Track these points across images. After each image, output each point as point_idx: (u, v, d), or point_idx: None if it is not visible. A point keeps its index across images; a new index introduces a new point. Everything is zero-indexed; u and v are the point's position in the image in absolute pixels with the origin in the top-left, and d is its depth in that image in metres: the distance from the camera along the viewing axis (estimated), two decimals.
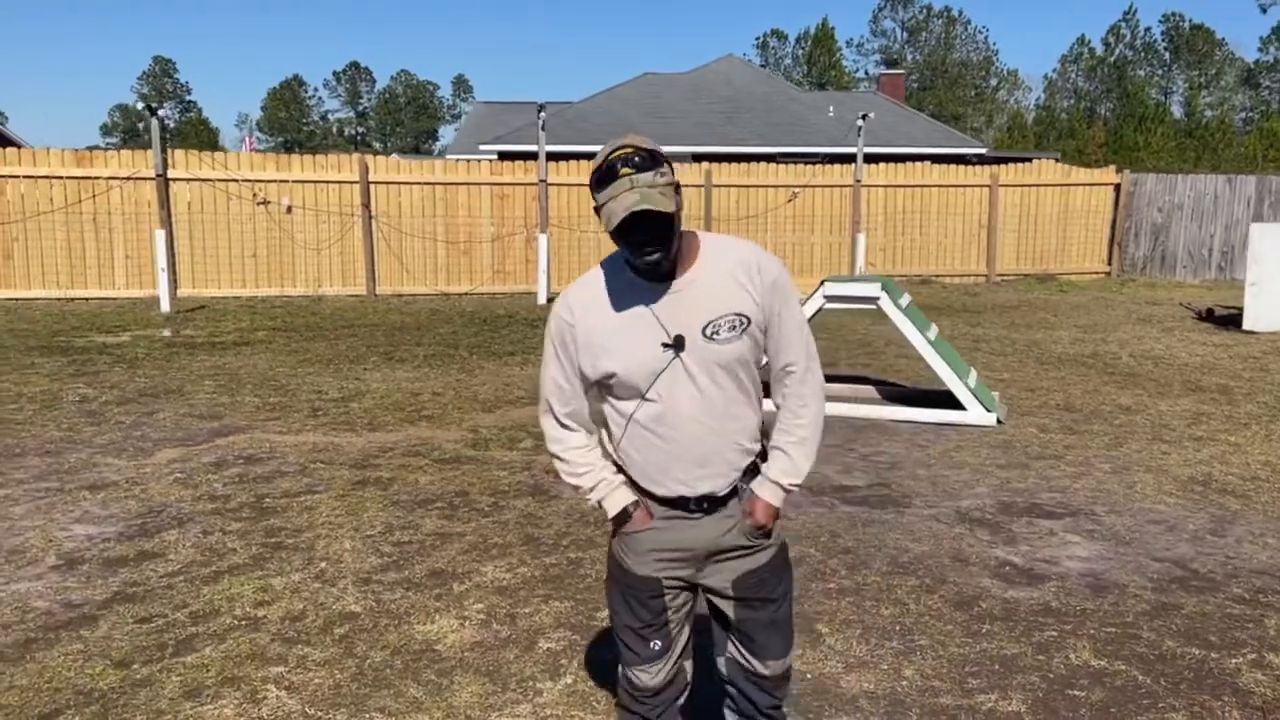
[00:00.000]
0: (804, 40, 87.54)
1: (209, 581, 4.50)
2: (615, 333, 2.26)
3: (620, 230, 2.13)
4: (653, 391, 2.27)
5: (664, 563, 2.40)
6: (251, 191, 14.52)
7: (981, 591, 4.45)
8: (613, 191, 2.11)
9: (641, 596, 2.42)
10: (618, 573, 2.45)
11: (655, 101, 30.36)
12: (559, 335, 2.34)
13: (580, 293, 2.32)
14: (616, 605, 2.47)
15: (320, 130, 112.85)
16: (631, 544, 2.40)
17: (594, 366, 2.29)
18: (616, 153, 2.12)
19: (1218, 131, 67.33)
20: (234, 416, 7.57)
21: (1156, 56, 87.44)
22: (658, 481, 2.35)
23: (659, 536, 2.38)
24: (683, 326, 2.24)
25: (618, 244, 2.19)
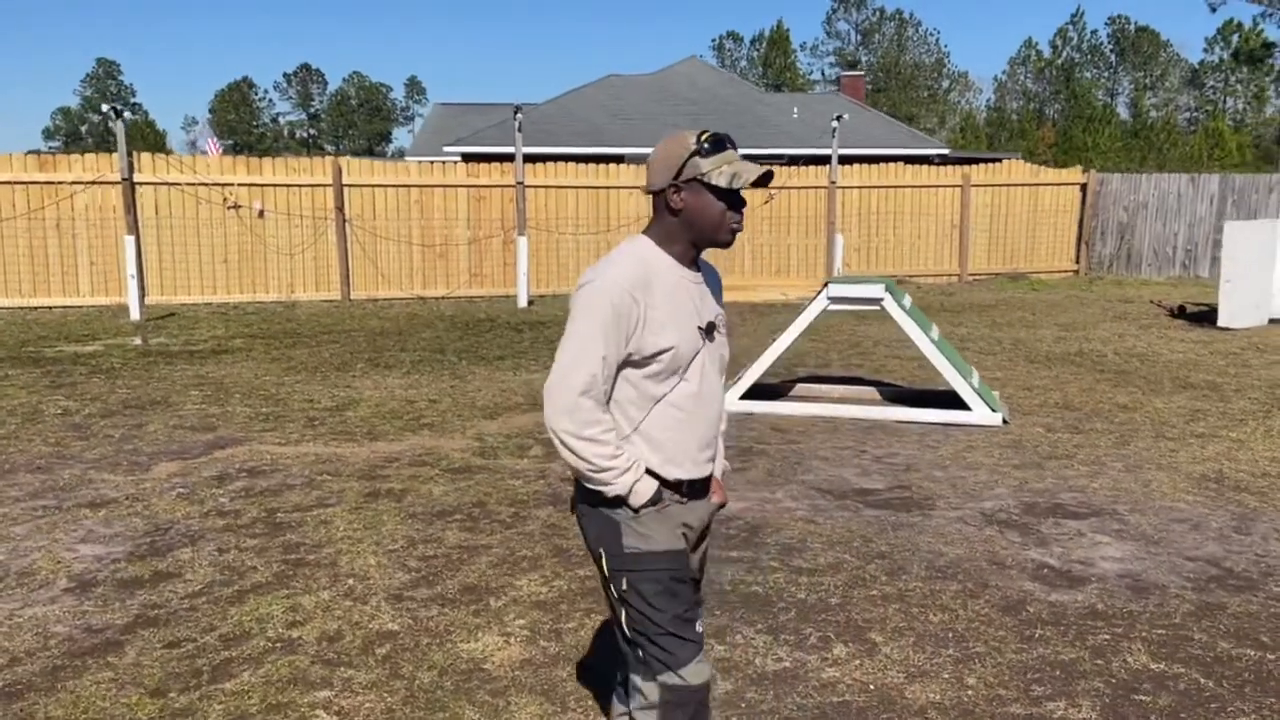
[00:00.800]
0: (759, 42, 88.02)
1: (234, 602, 4.34)
2: (672, 311, 2.33)
3: (737, 193, 2.33)
4: (690, 372, 2.38)
5: (683, 536, 2.46)
6: (222, 195, 14.21)
7: (1025, 595, 4.41)
8: (729, 158, 2.31)
9: (682, 574, 2.42)
10: (647, 562, 2.37)
11: (619, 103, 30.28)
12: (621, 311, 2.27)
13: (637, 270, 2.32)
14: (656, 601, 2.36)
15: (271, 133, 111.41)
16: (661, 519, 2.39)
17: (654, 342, 2.30)
18: (717, 132, 2.34)
19: (1163, 132, 68.68)
20: (228, 428, 7.36)
21: (1103, 58, 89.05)
22: (677, 463, 2.40)
23: (678, 511, 2.44)
24: (708, 315, 2.43)
25: (714, 211, 2.33)
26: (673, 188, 2.33)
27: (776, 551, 4.95)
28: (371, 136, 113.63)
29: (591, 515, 2.43)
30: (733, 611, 4.26)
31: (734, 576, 4.63)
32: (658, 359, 2.31)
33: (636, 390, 2.36)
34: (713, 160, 2.30)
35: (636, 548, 2.37)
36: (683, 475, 2.42)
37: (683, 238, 2.38)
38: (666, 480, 2.40)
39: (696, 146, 2.31)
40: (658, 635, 2.37)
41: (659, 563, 2.37)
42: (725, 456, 2.76)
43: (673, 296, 2.34)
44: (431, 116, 41.91)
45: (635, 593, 2.37)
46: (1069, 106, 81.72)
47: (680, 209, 2.34)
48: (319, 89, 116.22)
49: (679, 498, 2.43)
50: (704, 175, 2.30)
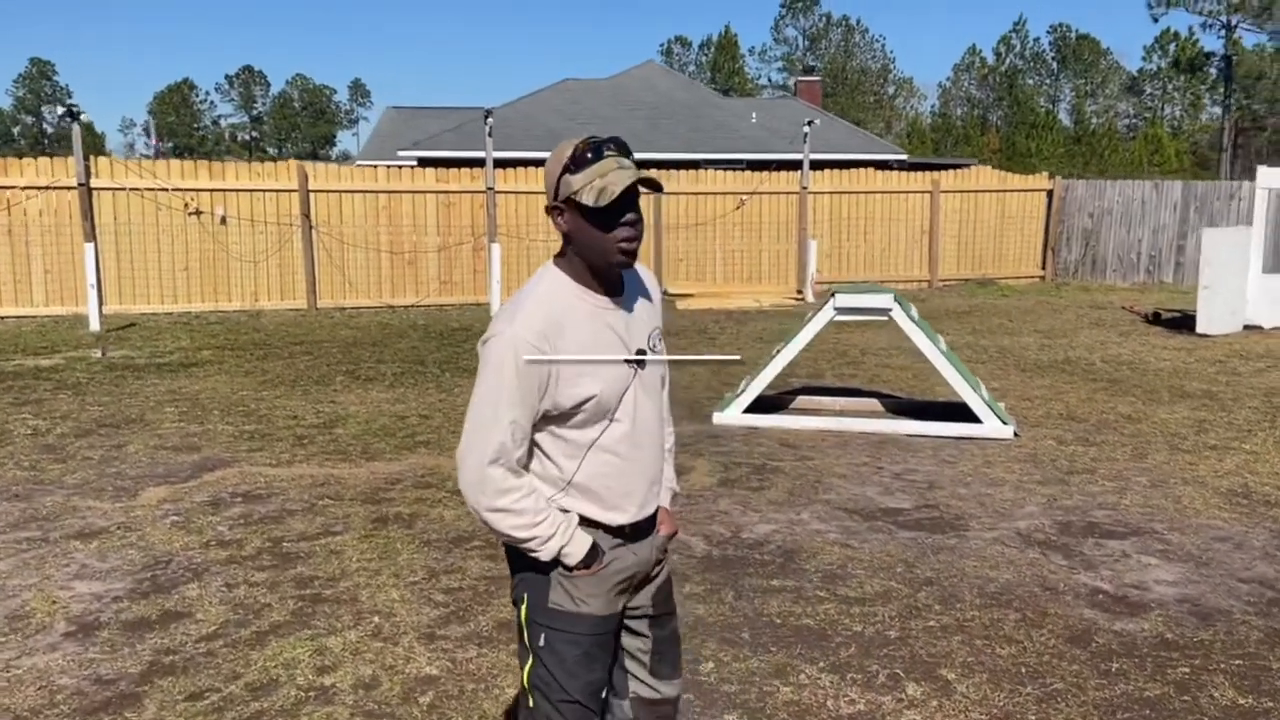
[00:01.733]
0: (708, 47, 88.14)
1: (254, 645, 4.01)
2: (589, 353, 2.09)
3: (612, 206, 2.01)
4: (620, 411, 2.15)
5: (621, 595, 2.26)
6: (183, 201, 13.69)
7: (1088, 624, 4.24)
8: (601, 169, 2.00)
9: (604, 641, 2.24)
10: (569, 624, 2.18)
11: (576, 107, 30.00)
12: (525, 371, 2.02)
13: (540, 316, 2.06)
14: (571, 668, 2.18)
15: (212, 135, 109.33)
16: (595, 583, 2.19)
17: (571, 394, 2.06)
18: (590, 139, 2.04)
19: (1104, 138, 69.94)
20: (212, 448, 6.98)
21: (1045, 65, 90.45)
22: (618, 508, 2.20)
23: (616, 567, 2.22)
24: (637, 340, 2.18)
25: (594, 232, 2.04)
26: (555, 210, 2.09)
27: (819, 579, 4.74)
28: (316, 140, 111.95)
29: (520, 557, 2.21)
30: (789, 647, 4.03)
31: (781, 608, 4.41)
32: (580, 410, 2.09)
33: (563, 441, 2.14)
34: (583, 175, 2.01)
35: (561, 606, 2.18)
36: (626, 520, 2.22)
37: (583, 264, 2.11)
38: (609, 527, 2.20)
39: (568, 160, 2.03)
40: (561, 701, 2.19)
41: (583, 626, 2.19)
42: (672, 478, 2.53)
43: (590, 335, 2.09)
44: (383, 120, 41.20)
45: (551, 652, 2.19)
46: (1012, 113, 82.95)
47: (566, 233, 2.09)
48: (262, 91, 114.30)
49: (621, 541, 2.23)
50: (576, 194, 2.02)
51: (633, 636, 2.35)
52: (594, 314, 2.11)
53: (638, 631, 2.35)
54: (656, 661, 2.37)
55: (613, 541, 2.22)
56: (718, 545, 5.17)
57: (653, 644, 2.36)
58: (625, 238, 2.05)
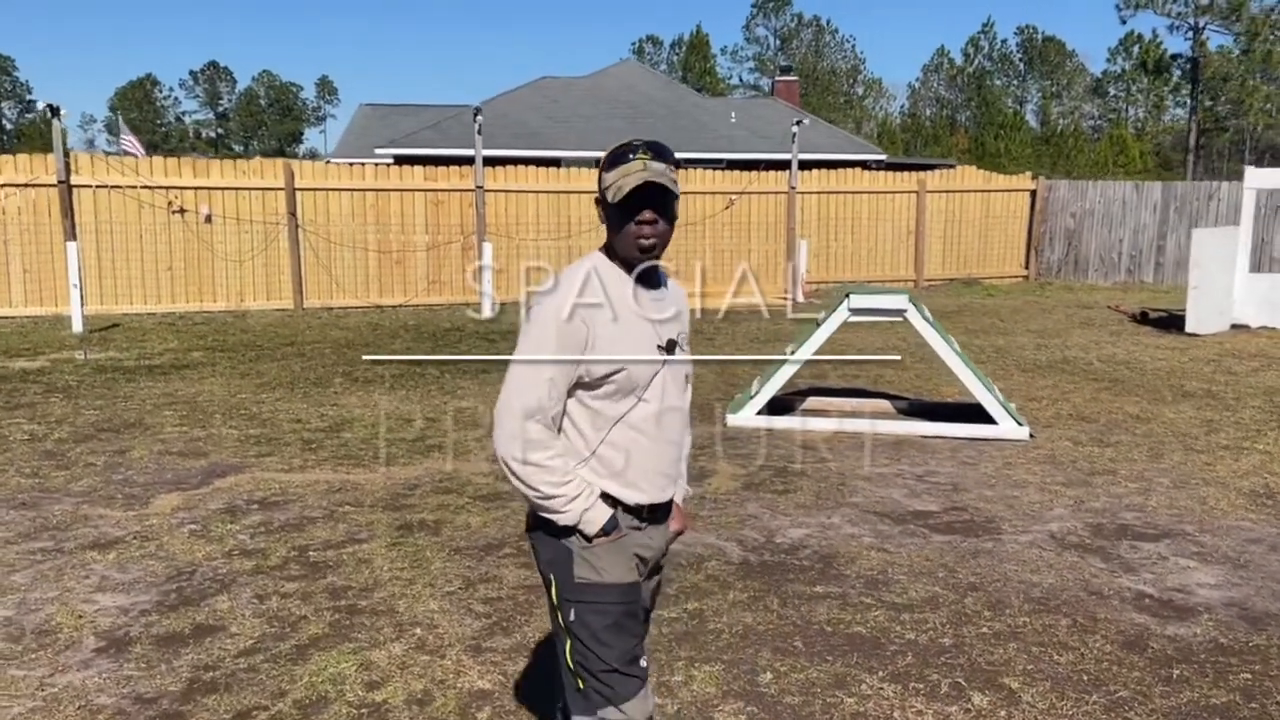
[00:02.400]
0: (679, 47, 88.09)
1: (296, 660, 3.88)
2: (623, 330, 2.24)
3: (624, 203, 2.18)
4: (649, 394, 2.29)
5: (637, 568, 2.36)
6: (166, 199, 13.42)
7: (1140, 629, 4.21)
8: (625, 170, 2.19)
9: (632, 608, 2.33)
10: (597, 594, 2.29)
11: (555, 105, 29.85)
12: (567, 331, 2.20)
13: (586, 288, 2.25)
14: (604, 636, 2.28)
15: (176, 132, 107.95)
16: (615, 550, 2.30)
17: (606, 364, 2.23)
18: (631, 141, 2.23)
19: (1071, 139, 70.63)
20: (220, 453, 6.81)
21: (1012, 67, 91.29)
22: (636, 485, 2.31)
23: (634, 539, 2.35)
24: (667, 334, 2.33)
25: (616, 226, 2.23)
26: (598, 202, 2.29)
27: (862, 585, 4.67)
28: (283, 137, 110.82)
29: (544, 540, 2.34)
30: (844, 656, 3.96)
31: (829, 615, 4.34)
32: (610, 380, 2.23)
33: (592, 411, 2.28)
34: (612, 175, 2.21)
35: (587, 578, 2.28)
36: (643, 499, 2.33)
37: (617, 254, 2.30)
38: (626, 505, 2.32)
39: (606, 158, 2.24)
40: (601, 671, 2.27)
41: (609, 595, 2.29)
42: (687, 480, 2.63)
43: (626, 315, 2.26)
44: (357, 117, 40.79)
45: (583, 625, 2.29)
46: (980, 113, 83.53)
47: (605, 223, 2.29)
48: (227, 88, 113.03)
49: (638, 523, 2.35)
50: (605, 191, 2.23)
51: None
52: (632, 298, 2.28)
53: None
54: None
55: (629, 521, 2.33)
56: (753, 550, 5.10)
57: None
58: (641, 235, 2.22)
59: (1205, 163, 68.69)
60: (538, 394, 2.20)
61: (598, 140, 27.74)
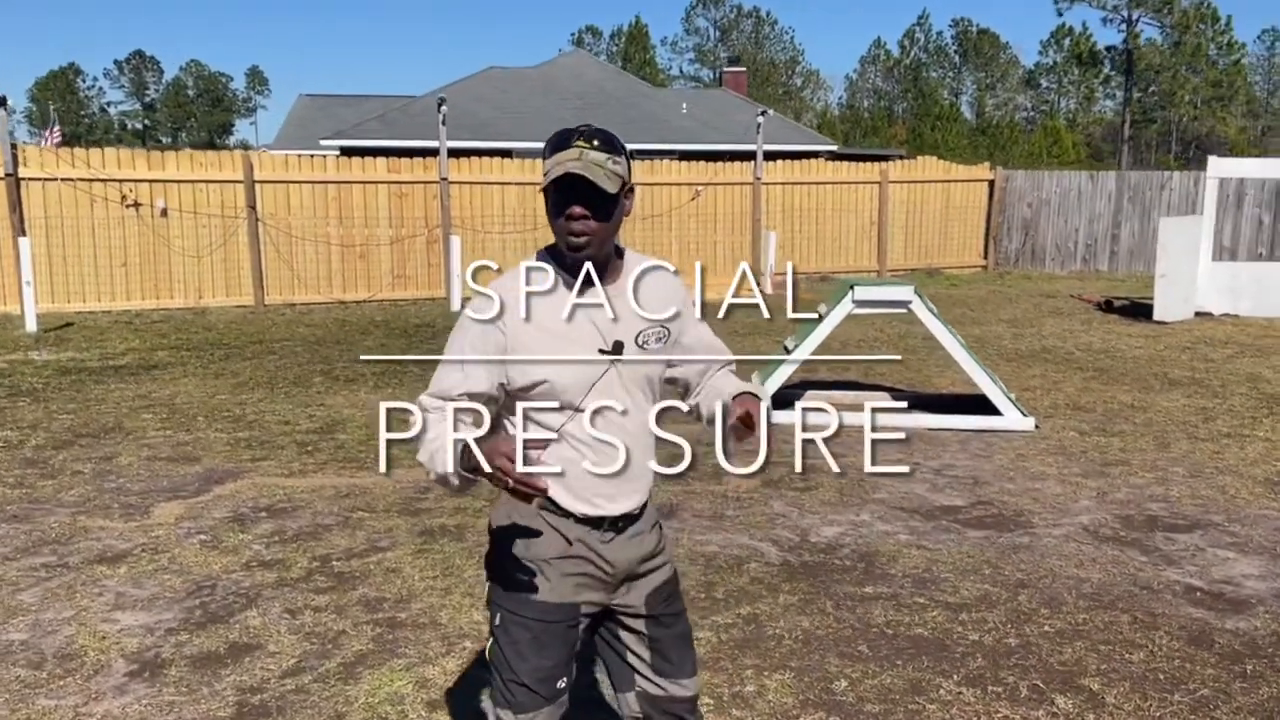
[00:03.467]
0: (618, 37, 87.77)
1: (346, 679, 3.67)
2: (550, 337, 2.07)
3: (551, 191, 2.04)
4: (588, 402, 2.11)
5: (582, 587, 2.22)
6: (120, 193, 12.91)
7: (1201, 624, 4.17)
8: (562, 156, 2.03)
9: (558, 630, 2.21)
10: (520, 607, 2.19)
11: (503, 96, 29.48)
12: (483, 338, 2.08)
13: (508, 288, 2.07)
14: (522, 649, 2.19)
15: (101, 123, 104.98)
16: (555, 567, 2.19)
17: (524, 374, 2.08)
18: (579, 127, 2.08)
19: (1006, 130, 71.78)
20: (212, 458, 6.51)
21: (948, 59, 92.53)
22: (585, 500, 2.17)
23: (581, 557, 2.20)
24: (619, 333, 2.13)
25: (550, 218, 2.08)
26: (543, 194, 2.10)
27: (911, 584, 4.58)
28: (213, 128, 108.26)
29: (493, 539, 2.29)
30: (913, 660, 3.85)
31: (886, 616, 4.23)
32: (533, 392, 2.09)
33: (532, 424, 2.11)
34: (549, 161, 2.05)
35: (520, 585, 2.19)
36: (589, 511, 2.18)
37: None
38: (577, 516, 2.18)
39: (546, 145, 2.08)
40: (509, 680, 2.22)
41: (532, 611, 2.19)
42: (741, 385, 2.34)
43: (557, 319, 2.08)
44: (297, 108, 39.94)
45: (504, 631, 2.22)
46: (917, 105, 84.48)
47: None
48: (154, 78, 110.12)
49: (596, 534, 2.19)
50: (545, 178, 2.07)
51: (629, 634, 2.32)
52: (569, 299, 2.08)
53: (634, 630, 2.32)
54: (659, 660, 2.33)
55: (581, 530, 2.18)
56: (790, 551, 4.98)
57: (650, 643, 2.32)
58: (571, 230, 2.04)
59: (1135, 154, 70.23)
60: (446, 382, 2.09)
61: (549, 131, 26.93)
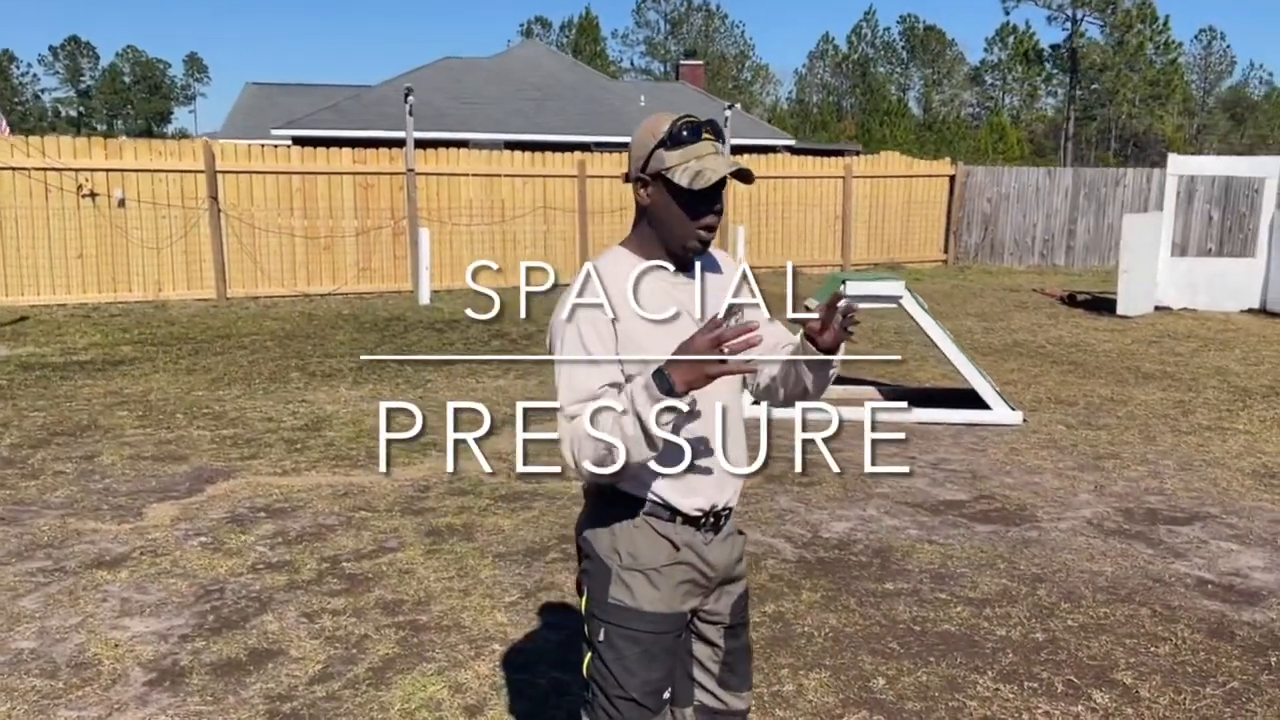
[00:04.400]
0: (568, 29, 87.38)
1: (377, 684, 3.58)
2: (652, 324, 2.02)
3: (704, 191, 2.00)
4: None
5: (688, 594, 2.18)
6: (76, 182, 12.52)
7: (1218, 617, 4.22)
8: (698, 151, 2.00)
9: (667, 641, 2.15)
10: (630, 620, 2.11)
11: (459, 86, 29.17)
12: (595, 331, 2.00)
13: (608, 282, 2.01)
14: (629, 664, 2.11)
15: (35, 110, 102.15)
16: (661, 576, 2.12)
17: (633, 364, 2.01)
18: (690, 118, 2.02)
19: (953, 126, 72.67)
20: (200, 457, 6.33)
21: (895, 55, 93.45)
22: (693, 489, 2.12)
23: (687, 563, 2.16)
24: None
25: (678, 213, 2.03)
26: (639, 181, 2.07)
27: (930, 580, 4.59)
28: (151, 116, 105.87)
29: (590, 546, 2.18)
30: (945, 657, 3.86)
31: (911, 613, 4.23)
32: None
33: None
34: (679, 154, 2.01)
35: (621, 601, 2.12)
36: (699, 504, 2.13)
37: (656, 239, 2.10)
38: (685, 515, 2.12)
39: (664, 136, 2.02)
40: (616, 697, 2.12)
41: (643, 624, 2.12)
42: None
43: (655, 307, 2.02)
44: (244, 96, 39.19)
45: (610, 646, 2.13)
46: (865, 100, 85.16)
47: (647, 206, 2.08)
48: (90, 64, 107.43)
49: (699, 533, 2.14)
50: (667, 171, 2.01)
51: (704, 644, 2.27)
52: (661, 287, 2.05)
53: (710, 640, 2.27)
54: (726, 672, 2.29)
55: (687, 533, 2.13)
56: (805, 547, 4.97)
57: (724, 654, 2.28)
58: (708, 224, 2.04)
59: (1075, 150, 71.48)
60: (587, 390, 1.98)
61: (507, 122, 27.23)
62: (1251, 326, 12.31)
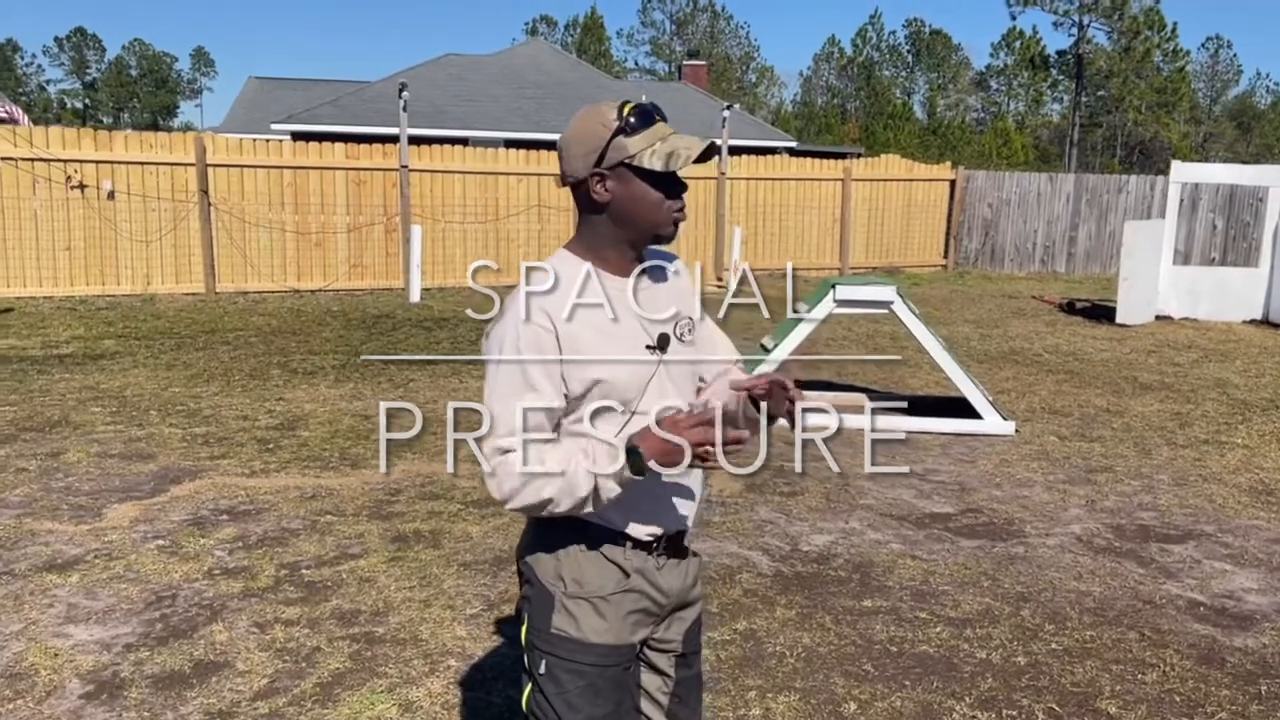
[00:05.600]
0: (573, 28, 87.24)
1: (323, 701, 3.42)
2: (601, 335, 1.90)
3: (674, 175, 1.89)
4: (643, 403, 1.93)
5: (638, 624, 2.02)
6: (64, 174, 12.37)
7: (1209, 642, 4.06)
8: (661, 132, 1.89)
9: (614, 674, 1.99)
10: (573, 652, 1.95)
11: (461, 84, 29.03)
12: (537, 347, 1.84)
13: (546, 291, 1.89)
14: (573, 699, 1.95)
15: (40, 102, 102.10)
16: (609, 605, 1.96)
17: (581, 377, 1.87)
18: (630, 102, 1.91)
19: (957, 130, 72.47)
20: (168, 455, 6.17)
21: (900, 58, 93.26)
22: (646, 513, 1.98)
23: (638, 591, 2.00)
24: (661, 326, 1.98)
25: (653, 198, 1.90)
26: (596, 177, 1.90)
27: (910, 597, 4.42)
28: (157, 109, 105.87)
29: (533, 570, 2.02)
30: (921, 680, 3.69)
31: (888, 632, 4.07)
32: (589, 395, 1.89)
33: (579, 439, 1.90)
34: (642, 137, 1.88)
35: (564, 631, 1.96)
36: (654, 530, 1.99)
37: (615, 238, 1.95)
38: (636, 540, 1.98)
39: (620, 123, 1.88)
40: None
41: (588, 656, 1.96)
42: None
43: (604, 316, 1.91)
44: (246, 90, 39.05)
45: (552, 680, 1.97)
46: (870, 103, 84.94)
47: (607, 202, 1.91)
48: (96, 56, 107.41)
49: (651, 561, 2.00)
50: (633, 158, 1.87)
51: (653, 674, 2.12)
52: (611, 294, 1.93)
53: (660, 669, 2.12)
54: (676, 704, 2.14)
55: (637, 559, 1.98)
56: (783, 561, 4.80)
57: (674, 685, 2.13)
58: (680, 208, 1.93)
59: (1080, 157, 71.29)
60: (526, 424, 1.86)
61: (507, 120, 27.08)
62: (1254, 338, 12.13)
